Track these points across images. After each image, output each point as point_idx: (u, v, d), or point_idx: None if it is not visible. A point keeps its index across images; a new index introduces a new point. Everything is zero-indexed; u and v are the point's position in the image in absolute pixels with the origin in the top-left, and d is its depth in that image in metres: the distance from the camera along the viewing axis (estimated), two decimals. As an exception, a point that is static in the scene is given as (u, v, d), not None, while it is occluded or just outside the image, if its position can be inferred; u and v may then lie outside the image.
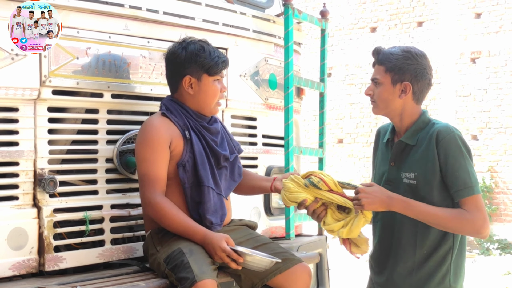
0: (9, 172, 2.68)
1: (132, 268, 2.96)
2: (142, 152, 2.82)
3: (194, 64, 2.89)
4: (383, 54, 2.79)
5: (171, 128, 2.87)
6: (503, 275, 9.18)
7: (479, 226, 2.64)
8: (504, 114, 11.81)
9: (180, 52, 2.91)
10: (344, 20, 13.94)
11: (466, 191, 2.66)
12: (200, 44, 2.94)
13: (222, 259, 2.68)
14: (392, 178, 2.81)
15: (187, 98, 2.94)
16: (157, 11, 3.10)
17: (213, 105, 2.97)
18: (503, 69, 11.87)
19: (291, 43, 3.57)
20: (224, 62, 2.96)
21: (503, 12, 11.92)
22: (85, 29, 2.84)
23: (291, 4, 3.58)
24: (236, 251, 2.67)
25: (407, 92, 2.76)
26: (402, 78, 2.75)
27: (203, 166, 2.89)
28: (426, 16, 12.87)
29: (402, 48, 2.79)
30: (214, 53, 2.93)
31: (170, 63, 2.95)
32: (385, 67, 2.77)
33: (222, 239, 2.68)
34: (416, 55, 2.77)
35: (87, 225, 2.88)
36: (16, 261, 2.66)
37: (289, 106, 3.56)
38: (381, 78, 2.78)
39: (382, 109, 2.83)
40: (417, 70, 2.75)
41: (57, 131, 2.83)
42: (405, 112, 2.80)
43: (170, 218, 2.75)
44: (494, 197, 11.91)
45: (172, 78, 2.97)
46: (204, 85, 2.92)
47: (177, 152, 2.86)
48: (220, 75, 2.96)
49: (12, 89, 2.62)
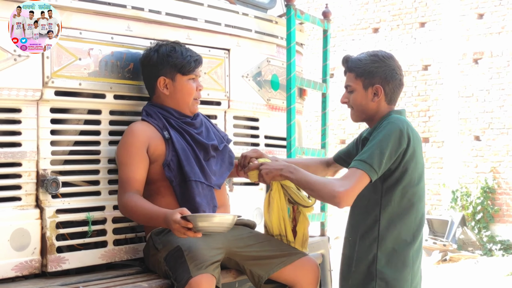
0: (11, 173, 2.68)
1: (134, 268, 2.96)
2: (119, 157, 2.88)
3: (166, 65, 2.94)
4: (352, 61, 2.86)
5: (149, 132, 2.89)
6: (506, 276, 9.17)
7: (336, 191, 2.58)
8: (507, 114, 11.80)
9: (152, 55, 2.96)
10: (346, 21, 13.94)
11: (355, 162, 2.65)
12: (171, 45, 2.99)
13: (179, 231, 2.59)
14: None
15: (165, 99, 2.98)
16: (159, 12, 3.10)
17: (190, 103, 3.01)
18: (506, 70, 11.86)
19: (293, 43, 3.56)
20: (196, 61, 2.99)
21: (506, 12, 11.91)
22: (87, 30, 2.84)
23: (294, 5, 3.58)
24: (185, 217, 2.57)
25: (379, 95, 2.80)
26: (372, 81, 2.80)
27: (187, 161, 2.91)
28: (428, 17, 12.87)
29: (369, 53, 2.86)
30: (186, 53, 2.97)
31: (144, 67, 2.99)
32: (355, 73, 2.83)
33: (175, 212, 2.60)
34: (384, 58, 2.82)
35: (89, 225, 2.88)
36: (19, 262, 2.66)
37: (291, 107, 3.56)
38: (353, 84, 2.84)
39: (359, 115, 2.88)
40: (386, 72, 2.80)
41: (60, 132, 2.84)
42: (378, 114, 2.84)
43: (136, 211, 2.75)
44: (497, 198, 11.90)
45: (148, 81, 3.01)
46: (178, 84, 2.97)
47: (159, 153, 2.89)
48: (194, 74, 3.00)
49: (15, 90, 2.62)
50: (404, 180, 2.72)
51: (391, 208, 2.74)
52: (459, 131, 12.35)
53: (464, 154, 12.29)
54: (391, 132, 2.66)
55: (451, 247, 10.80)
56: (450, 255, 10.49)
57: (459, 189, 12.11)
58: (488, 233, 11.64)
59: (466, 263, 10.28)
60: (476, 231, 11.74)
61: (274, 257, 2.90)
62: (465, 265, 10.18)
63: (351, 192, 2.60)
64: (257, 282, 2.91)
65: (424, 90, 12.78)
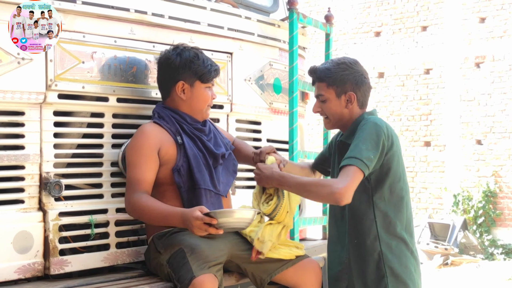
0: (14, 175, 2.69)
1: (137, 271, 2.97)
2: (129, 157, 2.86)
3: (188, 71, 2.94)
4: (321, 71, 2.89)
5: (161, 135, 2.89)
6: (507, 280, 9.16)
7: (335, 188, 2.61)
8: (509, 118, 11.79)
9: (174, 57, 2.95)
10: (349, 25, 13.95)
11: (349, 160, 2.67)
12: (194, 51, 2.99)
13: (200, 228, 2.60)
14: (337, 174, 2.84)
15: (180, 103, 2.98)
16: (162, 15, 3.11)
17: (204, 110, 3.02)
18: (508, 74, 11.85)
19: (295, 47, 3.57)
20: (216, 71, 3.02)
21: (508, 16, 11.91)
22: (91, 33, 2.85)
23: (296, 9, 3.58)
24: (208, 213, 2.60)
25: (352, 102, 2.86)
26: (344, 89, 2.85)
27: (198, 168, 2.91)
28: (430, 21, 12.87)
29: (335, 61, 2.89)
30: (207, 62, 2.99)
31: (163, 68, 2.98)
32: (326, 82, 2.87)
33: (195, 209, 2.62)
34: (351, 64, 2.88)
35: (92, 228, 2.88)
36: (22, 265, 2.67)
37: (293, 111, 3.56)
38: (325, 94, 2.88)
39: (334, 123, 2.93)
40: (356, 78, 2.86)
41: (63, 135, 2.85)
42: (351, 119, 2.89)
43: (148, 210, 2.74)
44: (498, 201, 11.88)
45: (165, 83, 3.00)
46: (196, 91, 2.97)
47: (169, 157, 2.88)
48: (211, 83, 3.02)
49: (18, 93, 2.63)
50: (390, 175, 2.78)
51: (384, 205, 2.79)
52: (460, 135, 12.34)
53: (465, 158, 12.28)
54: (372, 130, 2.73)
55: (453, 251, 10.79)
56: (452, 259, 10.47)
57: (460, 193, 12.10)
58: (489, 237, 11.63)
59: (467, 267, 10.27)
60: (478, 235, 11.73)
61: (275, 259, 2.90)
62: (467, 269, 10.17)
63: (350, 188, 2.63)
64: (260, 285, 2.91)
65: (426, 94, 12.78)
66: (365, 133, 2.72)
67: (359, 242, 2.82)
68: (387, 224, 2.79)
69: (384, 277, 2.77)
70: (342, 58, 2.92)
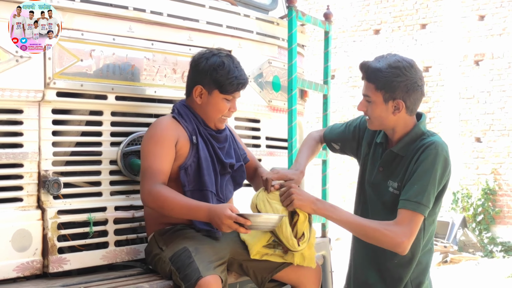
0: (13, 173, 2.68)
1: (136, 269, 2.97)
2: (148, 147, 2.82)
3: (209, 77, 2.90)
4: (372, 71, 2.71)
5: (179, 130, 2.88)
6: (506, 277, 9.16)
7: (399, 241, 2.58)
8: (508, 116, 11.80)
9: (202, 61, 2.92)
10: (348, 22, 13.94)
11: (410, 203, 2.60)
12: (223, 59, 2.91)
13: (230, 227, 2.62)
14: (377, 183, 2.81)
15: (196, 105, 2.97)
16: (161, 13, 3.11)
17: (217, 119, 2.98)
18: (507, 72, 11.86)
19: (294, 45, 3.56)
20: (239, 85, 2.92)
21: (507, 14, 11.91)
22: (89, 31, 2.85)
23: (295, 7, 3.58)
24: (241, 215, 2.63)
25: (400, 109, 2.70)
26: (393, 96, 2.68)
27: (208, 171, 2.90)
28: (429, 18, 12.86)
29: (390, 63, 2.69)
30: (233, 73, 2.90)
31: (191, 68, 2.97)
32: (375, 85, 2.70)
33: (226, 207, 2.64)
34: (405, 70, 2.68)
35: (91, 226, 2.88)
36: (20, 263, 2.67)
37: (292, 108, 3.55)
38: (373, 96, 2.71)
39: (377, 126, 2.80)
40: (408, 86, 2.68)
41: (61, 133, 2.84)
42: (399, 126, 2.76)
43: (171, 202, 2.72)
44: (498, 199, 11.89)
45: (188, 82, 3.00)
46: (213, 99, 2.93)
47: (182, 153, 2.87)
48: (232, 95, 2.95)
49: (17, 91, 2.63)
50: (439, 202, 2.74)
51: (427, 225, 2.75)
52: (460, 133, 12.34)
53: (465, 156, 12.28)
54: (440, 164, 2.67)
55: (452, 249, 10.79)
56: (451, 257, 10.48)
57: (460, 191, 12.10)
58: (489, 234, 11.64)
59: (466, 265, 10.28)
60: (477, 233, 11.74)
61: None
62: (466, 266, 10.17)
63: (412, 238, 2.60)
64: (260, 283, 2.92)
65: (425, 91, 12.77)
66: (434, 169, 2.63)
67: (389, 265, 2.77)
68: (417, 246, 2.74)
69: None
70: (398, 61, 2.70)
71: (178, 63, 3.20)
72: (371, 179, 2.84)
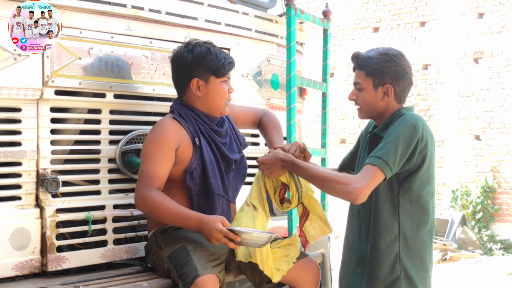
0: (11, 172, 2.68)
1: (134, 268, 2.96)
2: (147, 150, 2.81)
3: (201, 67, 2.88)
4: (362, 59, 2.84)
5: (180, 133, 2.86)
6: (506, 275, 9.17)
7: (352, 188, 2.60)
8: (507, 114, 11.80)
9: (186, 55, 2.90)
10: (347, 20, 13.93)
11: (374, 159, 2.64)
12: (206, 46, 2.92)
13: (220, 240, 2.63)
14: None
15: (196, 100, 2.94)
16: (159, 11, 3.10)
17: (222, 105, 2.97)
18: (506, 69, 11.86)
19: (293, 43, 3.56)
20: (230, 64, 2.95)
21: (506, 12, 11.90)
22: (87, 29, 2.84)
23: (294, 4, 3.57)
24: (232, 230, 2.63)
25: (389, 95, 2.80)
26: (383, 81, 2.79)
27: (213, 173, 2.89)
28: (428, 16, 12.86)
29: (379, 51, 2.83)
30: (220, 55, 2.92)
31: (177, 66, 2.94)
32: (365, 71, 2.81)
33: (217, 220, 2.64)
34: (394, 56, 2.80)
35: (89, 225, 2.88)
36: (19, 261, 2.66)
37: (291, 106, 3.55)
38: (363, 83, 2.83)
39: (367, 113, 2.87)
40: (397, 72, 2.79)
41: (60, 131, 2.84)
42: (387, 112, 2.84)
43: (163, 209, 2.71)
44: (497, 197, 11.90)
45: (179, 81, 2.95)
46: (212, 86, 2.92)
47: (185, 157, 2.86)
48: (227, 77, 2.96)
49: (15, 89, 2.62)
50: (419, 177, 2.73)
51: (409, 206, 2.74)
52: (459, 131, 12.35)
53: (464, 154, 12.29)
54: (406, 130, 2.67)
55: (451, 247, 10.80)
56: (450, 255, 10.49)
57: (459, 189, 12.11)
58: (488, 232, 11.64)
59: (466, 263, 10.28)
60: (476, 231, 11.74)
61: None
62: (465, 264, 10.18)
63: (367, 189, 2.61)
64: (258, 283, 2.91)
65: (424, 89, 12.77)
66: (399, 132, 2.66)
67: (376, 239, 2.76)
68: (411, 226, 2.74)
69: (398, 279, 2.72)
70: (387, 49, 2.84)
71: (177, 61, 3.19)
72: (358, 165, 2.88)
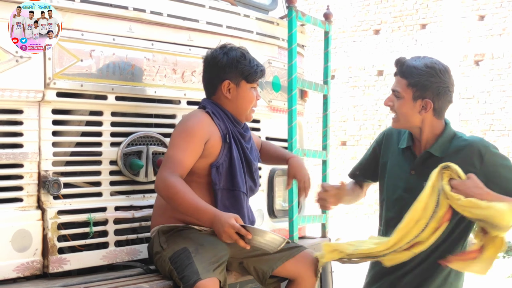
0: (13, 174, 2.68)
1: (136, 270, 2.96)
2: (177, 139, 2.84)
3: (234, 70, 2.96)
4: (407, 67, 2.74)
5: (212, 127, 2.91)
6: (506, 277, 9.16)
7: None
8: (508, 116, 11.81)
9: (221, 57, 2.97)
10: (348, 23, 13.95)
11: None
12: (241, 51, 3.01)
13: (231, 236, 2.64)
14: (412, 187, 2.79)
15: (225, 102, 2.99)
16: (161, 13, 3.11)
17: (248, 111, 3.04)
18: (507, 72, 11.87)
19: (294, 45, 3.56)
20: (262, 71, 3.04)
21: (507, 14, 11.92)
22: (89, 31, 2.85)
23: (295, 7, 3.57)
24: (245, 227, 2.64)
25: (427, 109, 2.74)
26: (423, 95, 2.72)
27: (240, 172, 2.94)
28: (429, 19, 12.87)
29: (426, 63, 2.74)
30: (253, 62, 3.01)
31: (210, 66, 3.00)
32: (408, 81, 2.73)
33: (231, 216, 2.66)
34: (440, 72, 2.73)
35: (91, 227, 2.88)
36: (20, 263, 2.66)
37: (292, 108, 3.55)
38: (402, 92, 2.74)
39: (403, 124, 2.81)
40: (440, 88, 2.72)
41: (61, 133, 2.84)
42: (425, 126, 2.79)
43: (181, 197, 2.72)
44: (498, 199, 11.88)
45: (211, 81, 3.01)
46: (242, 91, 2.99)
47: (213, 151, 2.89)
48: (256, 83, 3.03)
49: (17, 91, 2.63)
50: None
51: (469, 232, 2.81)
52: (460, 133, 12.35)
53: (465, 156, 12.28)
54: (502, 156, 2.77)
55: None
56: (451, 257, 10.47)
57: (460, 191, 12.10)
58: (489, 235, 11.64)
59: (467, 265, 10.26)
60: (477, 233, 11.74)
61: (275, 252, 2.91)
62: (466, 266, 10.15)
63: None
64: (262, 278, 2.93)
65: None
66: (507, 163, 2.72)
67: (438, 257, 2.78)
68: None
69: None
70: (435, 62, 2.76)
71: (178, 63, 3.20)
72: (405, 185, 2.83)
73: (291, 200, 3.44)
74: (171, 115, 3.23)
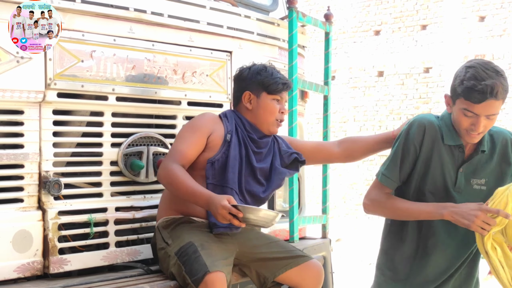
0: (14, 174, 2.69)
1: (136, 270, 2.97)
2: (182, 132, 2.95)
3: (255, 81, 3.06)
4: (504, 88, 2.65)
5: (217, 125, 2.98)
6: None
7: None
8: (508, 117, 11.81)
9: (244, 70, 3.11)
10: (348, 23, 13.95)
11: None
12: (263, 64, 3.14)
13: (224, 217, 2.66)
14: (462, 185, 2.77)
15: (246, 112, 3.08)
16: (161, 14, 3.11)
17: (270, 122, 3.07)
18: (507, 73, 11.85)
19: (295, 46, 3.57)
20: (284, 84, 3.09)
21: (507, 15, 11.92)
22: (90, 32, 2.85)
23: (295, 7, 3.58)
24: (236, 206, 2.67)
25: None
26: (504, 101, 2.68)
27: (233, 169, 2.95)
28: (430, 19, 12.87)
29: (503, 75, 2.69)
30: (275, 74, 3.09)
31: (235, 80, 3.14)
32: (503, 99, 2.66)
33: (224, 198, 2.69)
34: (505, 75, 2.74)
35: (91, 227, 2.88)
36: (21, 264, 2.67)
37: (293, 109, 3.56)
38: (498, 110, 2.66)
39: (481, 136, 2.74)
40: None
41: (62, 133, 2.85)
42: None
43: (180, 181, 2.77)
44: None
45: (235, 93, 3.15)
46: (262, 102, 3.06)
47: (213, 146, 2.94)
48: (280, 96, 3.08)
49: (17, 92, 2.63)
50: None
51: None
52: (460, 134, 12.35)
53: (465, 157, 12.28)
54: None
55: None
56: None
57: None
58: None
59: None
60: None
61: (280, 259, 2.92)
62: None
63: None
64: (262, 284, 2.92)
65: (426, 92, 12.79)
66: None
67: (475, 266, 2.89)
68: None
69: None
70: (501, 69, 2.70)
71: (179, 64, 3.21)
72: (455, 184, 2.78)
73: (291, 200, 3.45)
74: (172, 115, 3.24)
